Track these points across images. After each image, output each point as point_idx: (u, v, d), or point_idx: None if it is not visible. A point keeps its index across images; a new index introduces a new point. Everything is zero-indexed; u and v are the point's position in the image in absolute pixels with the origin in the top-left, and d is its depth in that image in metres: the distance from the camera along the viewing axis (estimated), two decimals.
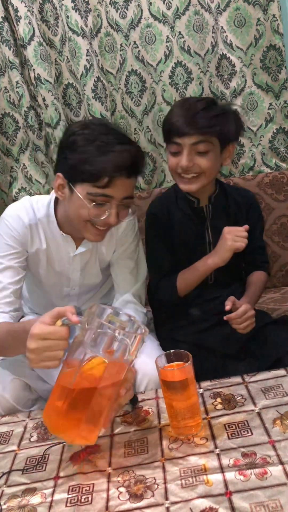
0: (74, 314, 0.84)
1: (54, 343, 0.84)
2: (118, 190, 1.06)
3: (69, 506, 0.78)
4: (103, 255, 1.29)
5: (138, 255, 1.33)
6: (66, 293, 1.33)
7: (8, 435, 1.01)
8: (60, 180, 1.10)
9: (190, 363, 0.88)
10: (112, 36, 1.76)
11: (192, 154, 1.16)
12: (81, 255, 1.25)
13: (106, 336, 0.82)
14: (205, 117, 1.13)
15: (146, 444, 0.89)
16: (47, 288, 1.32)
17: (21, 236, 1.18)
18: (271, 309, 1.63)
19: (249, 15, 1.69)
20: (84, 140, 1.05)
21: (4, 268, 1.17)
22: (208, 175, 1.20)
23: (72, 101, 1.87)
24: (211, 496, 0.74)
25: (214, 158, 1.18)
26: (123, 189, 1.07)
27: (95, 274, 1.32)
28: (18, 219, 1.18)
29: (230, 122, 1.17)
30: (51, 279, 1.29)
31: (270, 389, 0.97)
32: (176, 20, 1.72)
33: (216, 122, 1.14)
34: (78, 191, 1.06)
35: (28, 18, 1.72)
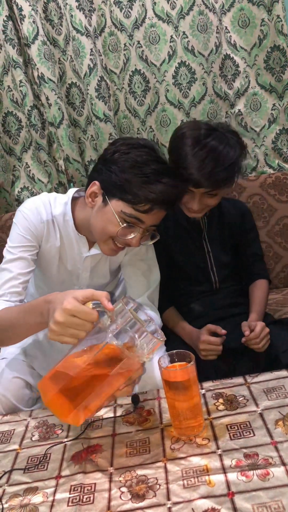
0: (109, 301, 0.84)
1: (81, 322, 0.83)
2: (152, 218, 1.09)
3: (71, 505, 0.78)
4: (114, 257, 1.29)
5: (150, 257, 1.32)
6: None
7: (10, 434, 1.01)
8: (95, 188, 1.11)
9: (193, 364, 0.87)
10: (116, 36, 1.76)
11: (203, 198, 1.22)
12: (93, 257, 1.26)
13: (131, 331, 0.82)
14: (221, 172, 1.14)
15: (148, 444, 0.89)
16: (55, 286, 1.32)
17: (38, 230, 1.19)
18: (273, 310, 1.63)
19: (253, 16, 1.69)
20: (134, 161, 1.06)
21: (17, 259, 1.17)
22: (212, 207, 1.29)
23: (76, 100, 1.87)
24: (213, 496, 0.74)
25: (221, 195, 1.26)
26: (156, 218, 1.11)
27: (104, 275, 1.32)
28: (37, 213, 1.19)
29: (240, 165, 1.19)
30: (61, 277, 1.30)
31: (272, 390, 0.97)
32: (180, 20, 1.72)
33: (230, 174, 1.17)
34: (112, 206, 1.08)
35: (32, 17, 1.72)
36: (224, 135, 1.18)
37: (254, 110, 1.81)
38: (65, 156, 1.90)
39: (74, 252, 1.25)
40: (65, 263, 1.27)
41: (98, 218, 1.12)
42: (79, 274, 1.29)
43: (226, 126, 1.25)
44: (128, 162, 1.06)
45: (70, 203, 1.22)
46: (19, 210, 1.21)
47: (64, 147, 1.88)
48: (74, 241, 1.23)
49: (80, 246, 1.24)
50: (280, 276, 1.85)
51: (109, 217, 1.09)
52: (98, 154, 1.90)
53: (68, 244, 1.24)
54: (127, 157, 1.07)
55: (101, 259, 1.28)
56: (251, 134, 1.84)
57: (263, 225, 1.81)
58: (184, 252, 1.40)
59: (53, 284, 1.32)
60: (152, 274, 1.31)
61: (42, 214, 1.19)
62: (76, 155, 1.90)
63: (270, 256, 1.83)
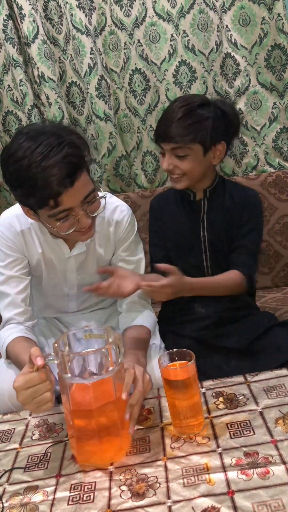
0: (38, 356, 0.85)
1: (36, 389, 0.84)
2: (71, 199, 1.00)
3: (71, 504, 0.78)
4: (101, 256, 1.29)
5: (140, 255, 1.32)
6: (66, 294, 1.34)
7: (10, 433, 1.01)
8: (24, 209, 1.09)
9: (193, 362, 0.87)
10: (116, 35, 1.76)
11: (173, 158, 1.22)
12: (76, 257, 1.26)
13: (78, 362, 0.85)
14: (180, 126, 1.18)
15: (148, 443, 0.89)
16: (47, 290, 1.33)
17: (16, 243, 1.20)
18: (274, 309, 1.63)
19: (254, 14, 1.69)
20: (16, 178, 1.00)
21: (7, 279, 1.19)
22: (190, 176, 1.24)
23: (76, 99, 1.87)
24: (213, 495, 0.74)
25: (194, 161, 1.22)
26: (76, 196, 1.01)
27: (93, 275, 1.31)
28: (9, 227, 1.19)
29: (207, 127, 1.18)
30: (52, 281, 1.30)
31: (272, 389, 0.97)
32: (180, 18, 1.72)
33: (189, 131, 1.18)
34: (41, 216, 1.05)
35: (33, 16, 1.72)
36: (206, 100, 1.23)
37: (254, 108, 1.81)
38: None
39: (57, 255, 1.25)
40: (52, 266, 1.27)
41: (48, 229, 1.12)
42: (66, 275, 1.29)
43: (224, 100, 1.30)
44: (13, 180, 1.01)
45: None
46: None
47: None
48: (54, 244, 1.23)
49: (60, 249, 1.24)
50: (280, 274, 1.84)
51: (48, 223, 1.06)
52: (98, 153, 1.90)
53: (49, 248, 1.24)
54: (9, 176, 1.02)
55: (87, 259, 1.28)
56: (252, 133, 1.84)
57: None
58: (179, 233, 1.36)
59: (44, 288, 1.33)
60: (141, 271, 1.31)
61: (15, 225, 1.19)
62: None
63: (270, 255, 1.83)
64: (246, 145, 1.85)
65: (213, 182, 1.32)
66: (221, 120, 1.22)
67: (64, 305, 1.38)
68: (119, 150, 1.89)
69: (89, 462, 0.86)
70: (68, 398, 0.85)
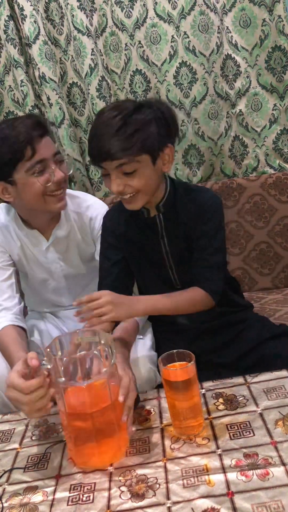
0: (33, 358, 0.86)
1: (33, 396, 0.84)
2: (44, 150, 1.14)
3: (71, 504, 0.78)
4: (81, 244, 1.33)
5: None
6: (55, 287, 1.36)
7: (10, 433, 1.01)
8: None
9: (193, 363, 0.88)
10: (117, 36, 1.76)
11: (120, 177, 1.05)
12: (54, 246, 1.31)
13: (71, 365, 0.85)
14: (120, 139, 1.00)
15: (148, 444, 0.89)
16: (36, 285, 1.38)
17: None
18: (273, 310, 1.63)
19: (255, 16, 1.69)
20: None
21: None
22: (144, 191, 1.08)
23: (77, 100, 1.87)
24: (213, 496, 0.74)
25: (144, 174, 1.06)
26: (47, 148, 1.15)
27: (76, 265, 1.36)
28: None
29: (151, 132, 1.03)
30: (37, 275, 1.35)
31: (272, 390, 0.97)
32: (181, 20, 1.72)
33: (133, 141, 1.00)
34: (18, 177, 1.14)
35: (34, 17, 1.72)
36: (131, 106, 1.04)
37: (255, 110, 1.81)
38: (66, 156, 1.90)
39: (36, 248, 1.31)
40: (33, 260, 1.33)
41: (24, 195, 1.17)
42: (50, 268, 1.34)
43: (161, 101, 1.14)
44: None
45: None
46: None
47: (65, 147, 1.88)
48: (31, 238, 1.30)
49: (37, 240, 1.30)
50: (280, 276, 1.85)
51: (27, 184, 1.15)
52: None
53: (27, 241, 1.31)
54: None
55: (68, 248, 1.33)
56: (252, 134, 1.84)
57: (263, 225, 1.81)
58: (140, 252, 1.24)
59: (33, 284, 1.38)
60: None
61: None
62: (77, 155, 1.90)
63: (270, 257, 1.83)
64: (247, 147, 1.86)
65: (165, 193, 1.17)
66: (161, 120, 1.05)
67: (58, 300, 1.41)
68: None
69: (87, 465, 0.86)
70: (63, 402, 0.85)
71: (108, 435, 0.86)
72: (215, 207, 1.19)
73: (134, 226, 1.22)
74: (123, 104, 1.06)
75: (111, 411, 0.85)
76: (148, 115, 1.03)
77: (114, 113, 1.02)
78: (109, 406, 0.85)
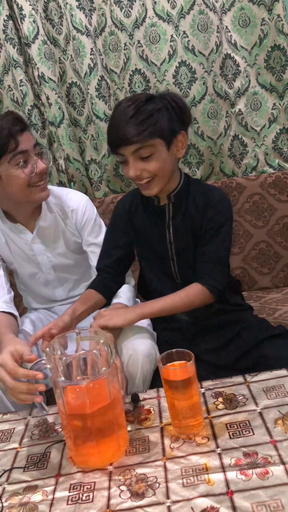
0: (30, 353, 0.95)
1: (18, 386, 0.94)
2: (25, 143, 1.20)
3: (70, 504, 0.78)
4: (66, 233, 1.37)
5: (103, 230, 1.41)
6: (45, 279, 1.39)
7: (10, 433, 1.01)
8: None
9: (192, 362, 0.88)
10: (116, 35, 1.76)
11: (138, 162, 1.12)
12: (40, 237, 1.35)
13: (69, 365, 0.85)
14: (133, 125, 1.09)
15: (148, 443, 0.89)
16: (27, 280, 1.42)
17: None
18: (273, 309, 1.63)
19: (254, 15, 1.69)
20: None
21: None
22: (161, 175, 1.15)
23: (76, 100, 1.87)
24: (212, 495, 0.74)
25: (160, 158, 1.13)
26: (28, 141, 1.21)
27: (63, 255, 1.40)
28: None
29: (163, 118, 1.11)
30: (25, 270, 1.39)
31: (271, 389, 0.97)
32: (180, 19, 1.72)
33: (145, 126, 1.09)
34: (2, 170, 1.19)
35: (33, 17, 1.72)
36: (146, 95, 1.14)
37: (254, 109, 1.81)
38: (66, 156, 1.90)
39: (21, 242, 1.35)
40: (19, 254, 1.36)
41: (8, 188, 1.21)
42: (38, 260, 1.37)
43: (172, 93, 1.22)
44: None
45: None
46: None
47: (64, 146, 1.88)
48: (15, 232, 1.33)
49: (22, 233, 1.34)
50: (280, 275, 1.85)
51: (10, 176, 1.20)
52: (98, 153, 1.90)
53: (11, 237, 1.34)
54: None
55: (53, 239, 1.37)
56: (252, 134, 1.84)
57: (263, 224, 1.81)
58: (147, 239, 1.29)
59: (25, 279, 1.42)
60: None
61: None
62: (76, 155, 1.90)
63: (270, 256, 1.83)
64: (246, 146, 1.86)
65: (178, 185, 1.23)
66: (173, 109, 1.14)
67: (51, 293, 1.43)
68: None
69: (87, 464, 0.86)
70: (62, 402, 0.85)
71: (107, 434, 0.86)
72: (223, 205, 1.24)
73: (143, 213, 1.29)
74: (137, 96, 1.15)
75: (110, 409, 0.85)
76: (159, 104, 1.12)
77: (128, 103, 1.11)
78: (108, 406, 0.85)
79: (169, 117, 1.12)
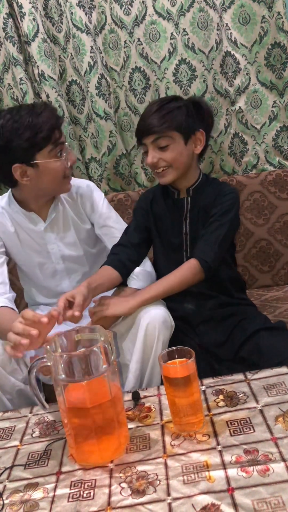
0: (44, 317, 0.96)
1: None
2: (61, 136, 1.25)
3: (71, 501, 0.78)
4: (76, 221, 1.39)
5: (122, 224, 1.44)
6: (53, 270, 1.38)
7: (11, 431, 1.01)
8: (19, 170, 1.21)
9: (193, 360, 0.88)
10: (116, 33, 1.76)
11: (155, 150, 1.26)
12: (52, 227, 1.36)
13: (75, 362, 0.84)
14: (155, 117, 1.24)
15: (148, 441, 0.89)
16: (35, 270, 1.41)
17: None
18: (273, 307, 1.63)
19: (254, 12, 1.69)
20: (12, 126, 1.17)
21: None
22: (176, 166, 1.27)
23: (76, 98, 1.87)
24: (213, 492, 0.74)
25: (176, 149, 1.25)
26: (62, 136, 1.26)
27: (73, 245, 1.41)
28: None
29: (182, 115, 1.24)
30: (34, 259, 1.39)
31: (272, 387, 0.97)
32: (180, 17, 1.72)
33: (165, 119, 1.23)
34: (41, 160, 1.21)
35: (33, 15, 1.72)
36: (173, 96, 1.32)
37: (254, 107, 1.81)
38: None
39: (32, 231, 1.35)
40: (29, 244, 1.36)
41: (44, 178, 1.24)
42: (48, 249, 1.37)
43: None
44: (13, 130, 1.17)
45: (11, 194, 1.35)
46: None
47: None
48: (27, 220, 1.34)
49: (34, 222, 1.34)
50: (280, 273, 1.85)
51: (49, 167, 1.22)
52: (98, 151, 1.90)
53: (23, 226, 1.35)
54: (8, 129, 1.17)
55: (64, 227, 1.38)
56: (252, 132, 1.83)
57: (263, 222, 1.81)
58: (164, 229, 1.39)
59: (31, 269, 1.41)
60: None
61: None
62: (76, 153, 1.90)
63: (270, 254, 1.83)
64: (246, 144, 1.85)
65: (197, 180, 1.35)
66: (195, 109, 1.28)
67: (57, 284, 1.42)
68: (119, 149, 1.89)
69: (88, 462, 0.86)
70: (63, 399, 0.85)
71: (108, 432, 0.86)
72: (230, 196, 1.33)
73: (163, 204, 1.40)
74: (165, 97, 1.37)
75: (111, 407, 0.85)
76: (180, 103, 1.27)
77: (155, 101, 1.30)
78: (108, 402, 0.85)
79: (188, 114, 1.26)
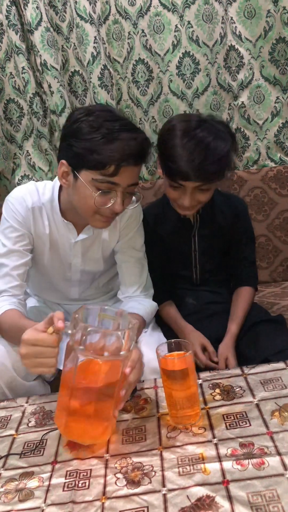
0: (61, 319, 0.84)
1: (43, 349, 0.85)
2: (124, 177, 1.05)
3: (66, 490, 0.79)
4: (106, 242, 1.29)
5: (142, 245, 1.33)
6: (68, 278, 1.34)
7: (6, 420, 1.01)
8: (64, 167, 1.09)
9: (191, 353, 0.88)
10: (120, 24, 1.75)
11: (195, 193, 1.17)
12: (82, 242, 1.26)
13: (94, 338, 0.84)
14: (210, 164, 1.11)
15: (144, 432, 0.90)
16: (50, 271, 1.33)
17: (24, 218, 1.20)
18: (271, 303, 1.63)
19: (259, 7, 1.67)
20: (89, 127, 1.03)
21: (9, 252, 1.19)
22: (204, 203, 1.24)
23: (78, 88, 1.86)
24: (208, 484, 0.74)
25: (213, 189, 1.22)
26: (129, 177, 1.06)
27: (97, 262, 1.32)
28: (22, 201, 1.20)
29: (229, 163, 1.16)
30: (54, 263, 1.30)
31: (269, 382, 0.97)
32: (185, 9, 1.70)
33: (215, 170, 1.13)
34: (82, 178, 1.06)
35: (36, 3, 1.70)
36: (213, 126, 1.15)
37: (257, 102, 1.80)
38: None
39: (63, 238, 1.25)
40: (56, 250, 1.27)
41: (76, 195, 1.10)
42: (70, 260, 1.29)
43: (216, 118, 1.23)
44: (84, 129, 1.03)
45: (58, 189, 1.21)
46: (6, 200, 1.22)
47: None
48: (62, 228, 1.24)
49: (68, 232, 1.24)
50: (278, 270, 1.85)
51: (83, 190, 1.07)
52: None
53: (57, 231, 1.24)
54: (83, 125, 1.03)
55: (92, 245, 1.29)
56: (254, 127, 1.83)
57: (263, 218, 1.81)
58: (172, 247, 1.38)
59: (47, 270, 1.32)
60: (144, 262, 1.32)
61: (27, 201, 1.20)
62: None
63: (269, 250, 1.83)
64: (248, 139, 1.85)
65: None
66: (233, 148, 1.18)
67: (66, 289, 1.38)
68: None
69: (68, 435, 0.87)
70: (74, 371, 0.83)
71: (102, 415, 0.85)
72: (246, 209, 1.41)
73: (169, 223, 1.36)
74: (200, 132, 1.12)
75: (114, 392, 0.85)
76: (225, 145, 1.14)
77: (191, 139, 1.11)
78: (114, 387, 0.84)
79: (231, 158, 1.17)
